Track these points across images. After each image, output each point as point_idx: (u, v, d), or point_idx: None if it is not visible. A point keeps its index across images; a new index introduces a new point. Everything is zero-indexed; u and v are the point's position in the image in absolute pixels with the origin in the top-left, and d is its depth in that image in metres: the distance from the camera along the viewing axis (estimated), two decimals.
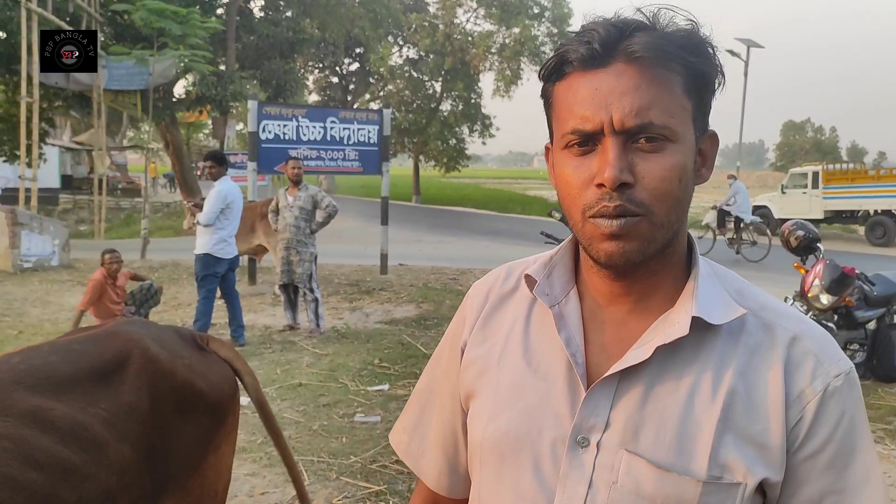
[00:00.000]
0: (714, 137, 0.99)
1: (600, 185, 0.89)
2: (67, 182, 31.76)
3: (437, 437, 1.16)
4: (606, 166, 0.88)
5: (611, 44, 0.89)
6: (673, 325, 0.93)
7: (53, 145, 27.84)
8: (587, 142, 0.91)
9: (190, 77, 19.71)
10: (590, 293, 1.02)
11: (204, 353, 2.38)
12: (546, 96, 0.99)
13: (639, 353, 0.93)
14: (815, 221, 20.10)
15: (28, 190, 13.19)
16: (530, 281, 1.05)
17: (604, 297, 1.00)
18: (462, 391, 1.10)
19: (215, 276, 7.31)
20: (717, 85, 0.95)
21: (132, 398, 1.99)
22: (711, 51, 0.93)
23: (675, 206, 0.91)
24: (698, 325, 0.92)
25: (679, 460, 0.90)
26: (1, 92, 20.16)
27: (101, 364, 2.00)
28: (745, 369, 0.92)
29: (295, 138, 10.93)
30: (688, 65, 0.90)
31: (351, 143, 11.51)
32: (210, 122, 28.42)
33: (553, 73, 0.95)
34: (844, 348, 6.51)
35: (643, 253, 0.91)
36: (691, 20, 0.92)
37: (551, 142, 1.01)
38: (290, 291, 8.15)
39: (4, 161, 19.66)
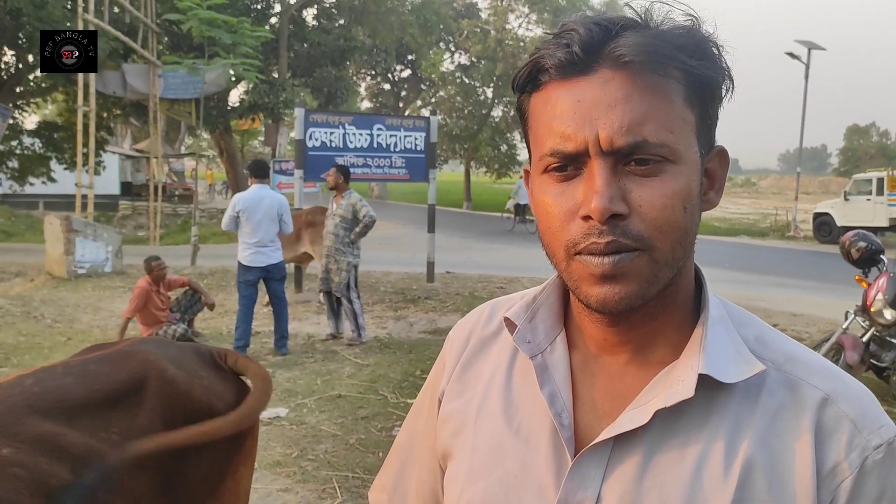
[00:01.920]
0: (723, 155, 0.84)
1: (587, 218, 0.74)
2: (127, 189, 32.68)
3: (417, 499, 1.02)
4: (593, 195, 0.73)
5: (594, 46, 0.75)
6: (676, 383, 0.77)
7: (114, 153, 28.66)
8: (570, 165, 0.77)
9: (243, 85, 20.02)
10: (582, 340, 0.87)
11: (222, 373, 2.32)
12: (521, 110, 0.84)
13: (635, 415, 0.78)
14: (880, 230, 19.46)
15: (84, 197, 13.49)
16: (510, 325, 0.90)
17: (597, 345, 0.85)
18: (439, 449, 0.96)
19: (247, 283, 7.30)
20: (724, 92, 0.79)
21: (147, 423, 1.94)
22: (716, 52, 0.77)
23: (681, 238, 0.76)
24: (708, 382, 0.76)
25: None
26: (62, 101, 20.82)
27: (116, 387, 1.95)
28: (767, 437, 0.76)
29: (341, 146, 10.92)
30: (688, 69, 0.75)
31: (397, 150, 11.45)
32: (263, 129, 28.86)
33: (527, 84, 0.81)
34: None
35: (643, 296, 0.76)
36: (691, 16, 0.77)
37: (530, 164, 0.86)
38: (333, 300, 8.11)
39: (65, 169, 20.24)
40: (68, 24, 14.25)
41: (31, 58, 17.39)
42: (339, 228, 7.84)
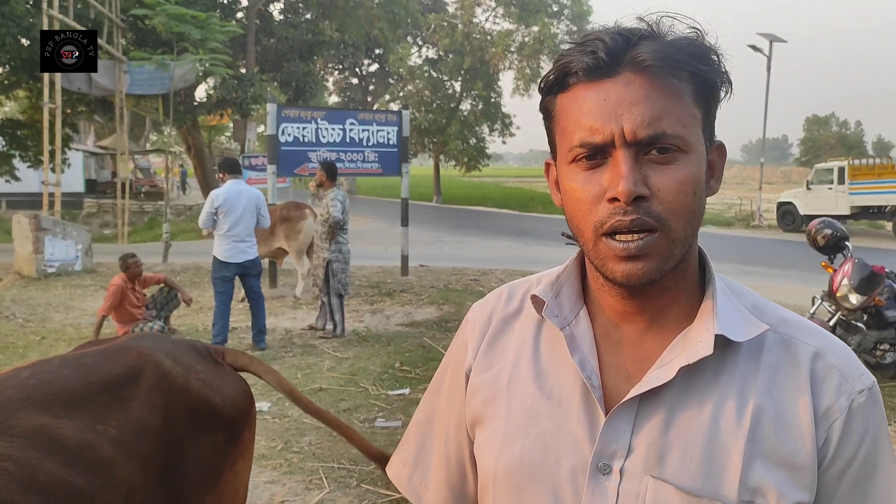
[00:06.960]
0: (721, 148, 0.97)
1: (613, 200, 0.86)
2: (92, 186, 32.15)
3: (440, 470, 1.11)
4: (620, 179, 0.85)
5: (617, 53, 0.87)
6: (695, 343, 0.90)
7: (78, 150, 28.17)
8: (596, 155, 0.88)
9: (211, 80, 19.81)
10: (602, 312, 0.99)
11: (219, 367, 2.32)
12: (547, 109, 0.96)
13: (660, 374, 0.90)
14: (842, 217, 19.89)
15: (52, 195, 13.29)
16: (538, 302, 1.01)
17: (617, 316, 0.97)
18: (468, 419, 1.06)
19: (223, 279, 7.29)
20: (723, 94, 0.92)
21: (144, 415, 1.94)
22: (717, 59, 0.90)
23: (691, 219, 0.89)
24: (719, 343, 0.89)
25: (708, 485, 0.87)
26: (25, 98, 20.42)
27: (112, 379, 1.95)
28: (770, 388, 0.90)
29: (314, 140, 10.91)
30: (696, 73, 0.88)
31: (370, 144, 11.47)
32: (231, 125, 28.58)
33: (555, 86, 0.92)
34: (874, 349, 6.38)
35: (661, 271, 0.88)
36: (695, 28, 0.90)
37: (553, 157, 0.98)
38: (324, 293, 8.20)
39: (29, 167, 19.86)
40: (31, 20, 14.02)
41: None
42: (318, 225, 7.99)
